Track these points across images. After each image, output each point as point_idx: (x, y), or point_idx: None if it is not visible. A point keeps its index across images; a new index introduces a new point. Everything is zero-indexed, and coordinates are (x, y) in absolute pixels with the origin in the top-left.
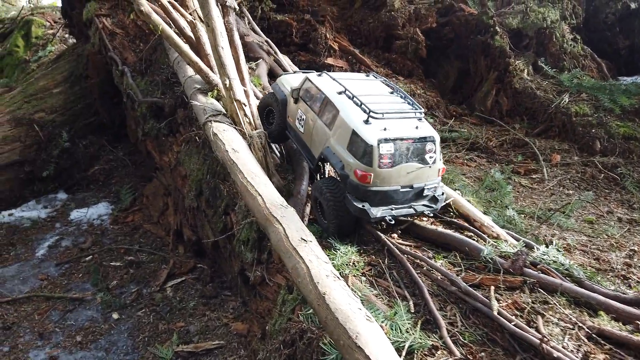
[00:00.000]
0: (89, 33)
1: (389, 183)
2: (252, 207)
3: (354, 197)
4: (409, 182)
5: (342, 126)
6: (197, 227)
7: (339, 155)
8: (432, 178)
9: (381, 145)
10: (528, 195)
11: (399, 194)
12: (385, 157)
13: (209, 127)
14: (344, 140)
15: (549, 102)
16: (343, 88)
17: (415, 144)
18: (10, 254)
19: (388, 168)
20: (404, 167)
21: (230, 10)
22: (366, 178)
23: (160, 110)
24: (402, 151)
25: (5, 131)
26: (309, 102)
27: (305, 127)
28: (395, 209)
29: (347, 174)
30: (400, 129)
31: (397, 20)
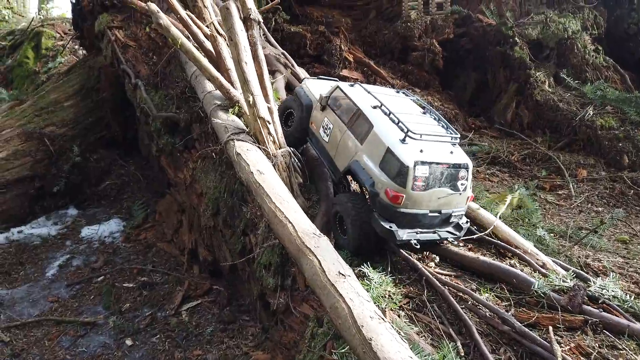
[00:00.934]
0: (101, 45)
1: (419, 206)
2: (281, 235)
3: (382, 216)
4: (438, 207)
5: (376, 142)
6: (214, 247)
7: (369, 171)
8: (460, 205)
9: (417, 167)
10: (555, 213)
11: (426, 218)
12: (419, 179)
13: (232, 146)
14: (376, 156)
15: (572, 115)
16: (379, 102)
17: (449, 170)
18: (19, 274)
19: (421, 191)
20: (435, 192)
21: (254, 24)
22: (398, 199)
23: (175, 125)
24: (436, 175)
25: (16, 145)
26: (338, 112)
27: (331, 136)
28: (420, 232)
29: (378, 192)
30: (436, 152)
31: (414, 32)
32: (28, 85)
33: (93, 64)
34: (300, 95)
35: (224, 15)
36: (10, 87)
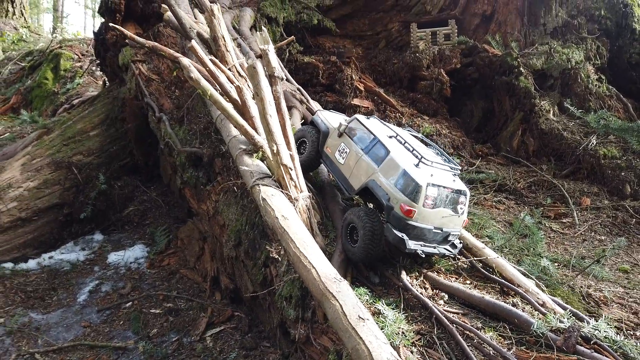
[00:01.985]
0: (124, 77)
1: (426, 221)
2: (305, 279)
3: (395, 227)
4: (441, 225)
5: (392, 165)
6: (235, 276)
7: (385, 188)
8: (457, 227)
9: (428, 188)
10: (560, 242)
11: (430, 233)
12: (429, 198)
13: (257, 191)
14: (392, 177)
15: (576, 144)
16: (394, 133)
17: (452, 194)
18: (52, 299)
19: (429, 208)
20: (440, 211)
21: (277, 80)
22: (410, 213)
23: (199, 159)
24: (442, 197)
25: (46, 174)
26: (355, 139)
27: (347, 159)
28: (424, 245)
29: (393, 206)
30: (443, 178)
31: (422, 62)
32: (47, 105)
33: (117, 94)
34: (317, 123)
35: (251, 73)
36: (29, 108)
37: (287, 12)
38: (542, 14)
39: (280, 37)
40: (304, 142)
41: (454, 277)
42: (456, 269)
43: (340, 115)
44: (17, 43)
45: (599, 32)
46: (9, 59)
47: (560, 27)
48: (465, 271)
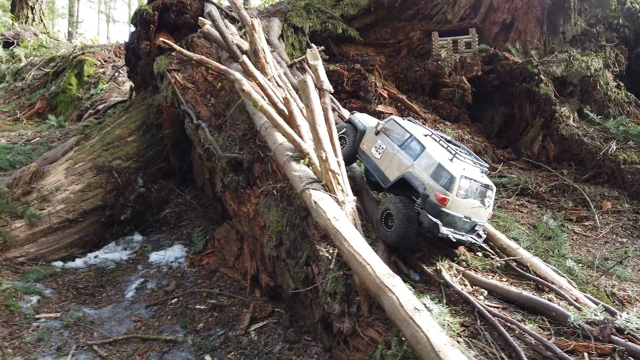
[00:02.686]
0: (158, 85)
1: (458, 210)
2: (361, 275)
3: (429, 213)
4: (470, 215)
5: (428, 159)
6: (276, 274)
7: (421, 179)
8: (483, 218)
9: (462, 179)
10: (583, 244)
11: (460, 221)
12: (462, 188)
13: (308, 194)
14: (428, 169)
15: (596, 149)
16: (429, 132)
17: (481, 187)
18: (102, 295)
19: (461, 198)
20: (470, 202)
21: (326, 93)
22: (445, 200)
23: (239, 164)
24: (472, 189)
25: (89, 178)
26: (391, 137)
27: (384, 154)
28: (454, 232)
29: (428, 194)
30: (474, 172)
31: (444, 69)
32: (72, 110)
33: (151, 101)
34: (355, 122)
35: (302, 86)
36: (54, 112)
37: (312, 21)
38: (561, 23)
39: (306, 45)
40: (343, 139)
41: (490, 275)
42: (491, 267)
43: (371, 117)
44: (38, 49)
45: (617, 40)
46: (32, 64)
47: (579, 36)
48: (500, 270)
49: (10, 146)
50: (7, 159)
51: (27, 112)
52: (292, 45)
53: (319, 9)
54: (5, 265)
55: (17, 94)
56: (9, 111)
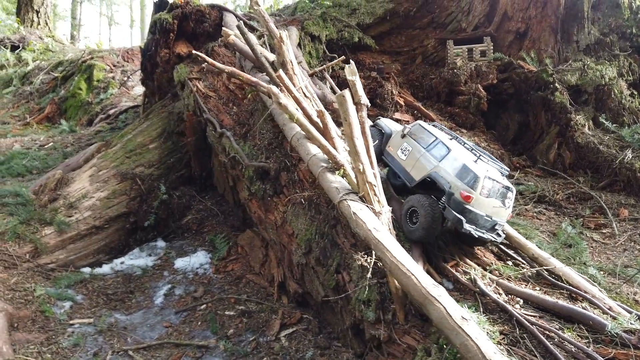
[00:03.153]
0: (179, 93)
1: (480, 208)
2: (405, 285)
3: (454, 210)
4: (491, 214)
5: (454, 160)
6: (305, 282)
7: (446, 178)
8: (503, 218)
9: (485, 179)
10: (602, 251)
11: (482, 219)
12: (485, 188)
13: (346, 205)
14: (453, 169)
15: (612, 157)
16: (454, 136)
17: (502, 188)
18: (132, 301)
19: (484, 197)
20: (492, 201)
21: (363, 107)
22: (469, 198)
23: (265, 173)
24: (494, 190)
25: (114, 185)
26: (417, 140)
27: (409, 156)
28: (476, 229)
29: (453, 192)
30: (496, 174)
31: (460, 77)
32: (81, 115)
33: (172, 109)
34: (381, 127)
35: (341, 101)
36: (64, 117)
37: (329, 30)
38: (575, 32)
39: (323, 53)
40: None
41: (523, 284)
42: (523, 276)
43: (394, 122)
44: (44, 53)
45: (630, 49)
46: (40, 69)
47: (593, 45)
48: (532, 279)
49: (25, 151)
50: (23, 164)
51: (37, 117)
52: (309, 53)
53: (336, 18)
54: (37, 272)
55: (26, 98)
56: (19, 115)
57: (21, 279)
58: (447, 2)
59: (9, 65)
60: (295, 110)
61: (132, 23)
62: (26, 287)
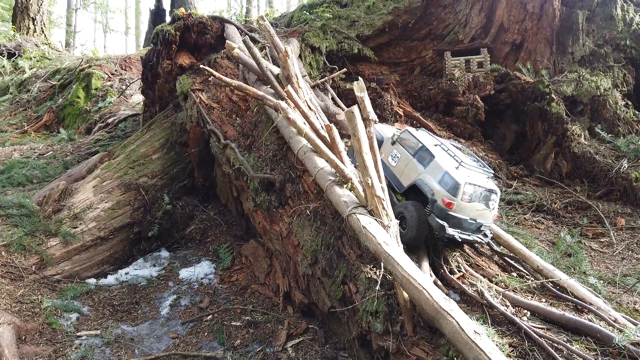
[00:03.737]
0: (182, 104)
1: (463, 213)
2: (417, 299)
3: (437, 217)
4: (475, 217)
5: (437, 167)
6: (310, 292)
7: (430, 186)
8: (489, 220)
9: (466, 186)
10: (601, 260)
11: (466, 223)
12: (466, 194)
13: (355, 219)
14: (436, 176)
15: (608, 167)
16: (439, 142)
17: (485, 192)
18: (138, 312)
19: (466, 202)
20: (475, 205)
21: (371, 122)
22: (451, 205)
23: (270, 184)
24: (477, 194)
25: (118, 196)
26: (406, 146)
27: (398, 162)
28: (461, 232)
29: (436, 199)
30: (478, 178)
31: (458, 88)
32: (80, 123)
33: (174, 119)
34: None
35: (350, 117)
36: (62, 125)
37: (329, 41)
38: (570, 43)
39: (323, 65)
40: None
41: (529, 296)
42: (528, 288)
43: (388, 127)
44: (41, 60)
45: (624, 60)
46: (37, 76)
47: (587, 56)
48: (537, 291)
49: (24, 160)
50: (23, 173)
51: (35, 125)
52: (309, 64)
53: (335, 30)
54: (43, 284)
55: (23, 106)
56: (16, 123)
57: (28, 290)
58: (444, 15)
59: (5, 73)
60: (303, 125)
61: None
62: (33, 299)
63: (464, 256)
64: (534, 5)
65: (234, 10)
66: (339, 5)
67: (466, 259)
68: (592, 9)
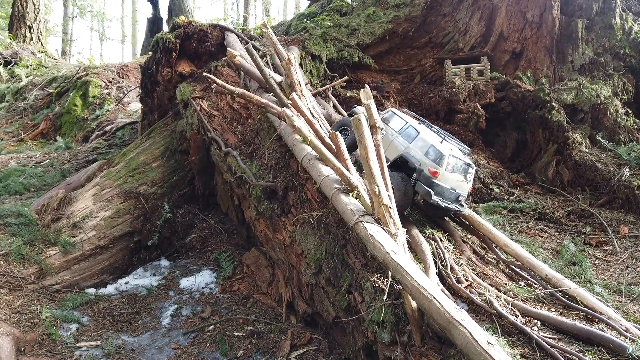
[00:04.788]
0: (182, 112)
1: (446, 182)
2: (427, 308)
3: (423, 184)
4: (455, 187)
5: (422, 141)
6: (314, 302)
7: (416, 157)
8: (465, 191)
9: (450, 157)
10: (605, 269)
11: (448, 192)
12: (450, 164)
13: (362, 227)
14: (422, 149)
15: (610, 175)
16: (422, 120)
17: (464, 165)
18: (138, 322)
19: (449, 172)
20: (456, 176)
21: (378, 130)
22: (436, 174)
23: (273, 192)
24: (457, 166)
25: (118, 204)
26: (391, 125)
27: (384, 139)
28: (442, 201)
29: (422, 169)
30: (458, 152)
31: (459, 96)
32: (77, 131)
33: (174, 127)
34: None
35: (356, 124)
36: (59, 133)
37: (329, 49)
38: (570, 52)
39: (323, 72)
40: (345, 129)
41: (538, 305)
42: (537, 297)
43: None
44: (37, 68)
45: (624, 69)
46: (33, 84)
47: (587, 64)
48: (547, 300)
49: (21, 168)
50: (20, 182)
51: (31, 133)
52: (310, 72)
53: (336, 38)
54: (43, 294)
55: (20, 114)
56: (13, 131)
57: (27, 301)
58: (444, 23)
59: (1, 81)
60: (308, 132)
61: (123, 38)
62: (32, 309)
63: (471, 265)
64: (534, 14)
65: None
66: (339, 13)
67: (473, 268)
68: (591, 17)
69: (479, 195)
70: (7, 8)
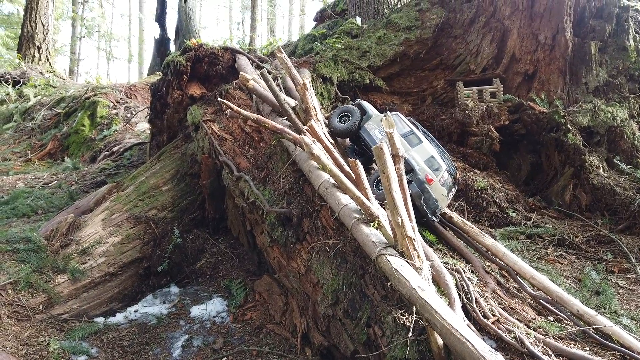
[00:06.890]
0: (192, 134)
1: (434, 192)
2: (460, 351)
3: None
4: (438, 199)
5: (424, 150)
6: (331, 334)
7: (416, 161)
8: (443, 207)
9: (445, 171)
10: (630, 298)
11: (432, 201)
12: (443, 178)
13: (385, 261)
14: (422, 156)
15: (630, 200)
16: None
17: (451, 183)
18: (148, 353)
19: (440, 184)
20: (443, 190)
21: (400, 159)
22: (431, 181)
23: (287, 219)
24: (447, 182)
25: (128, 229)
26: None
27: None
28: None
29: (419, 173)
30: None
31: (472, 118)
32: (84, 151)
33: (185, 150)
34: (365, 107)
35: (378, 153)
36: (66, 153)
37: (340, 72)
38: (584, 74)
39: (334, 95)
40: (346, 116)
41: (571, 343)
42: (569, 335)
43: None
44: (45, 88)
45: (639, 91)
46: (41, 104)
47: (602, 86)
48: (579, 337)
49: (29, 190)
50: (27, 204)
51: (39, 153)
52: (321, 94)
53: (347, 60)
54: (51, 324)
55: (27, 134)
56: (20, 152)
57: (35, 331)
58: (455, 45)
59: (10, 101)
60: (327, 160)
61: (130, 58)
62: (40, 340)
63: (496, 298)
64: (546, 36)
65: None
66: (349, 35)
67: (499, 302)
68: (604, 39)
69: (495, 220)
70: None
